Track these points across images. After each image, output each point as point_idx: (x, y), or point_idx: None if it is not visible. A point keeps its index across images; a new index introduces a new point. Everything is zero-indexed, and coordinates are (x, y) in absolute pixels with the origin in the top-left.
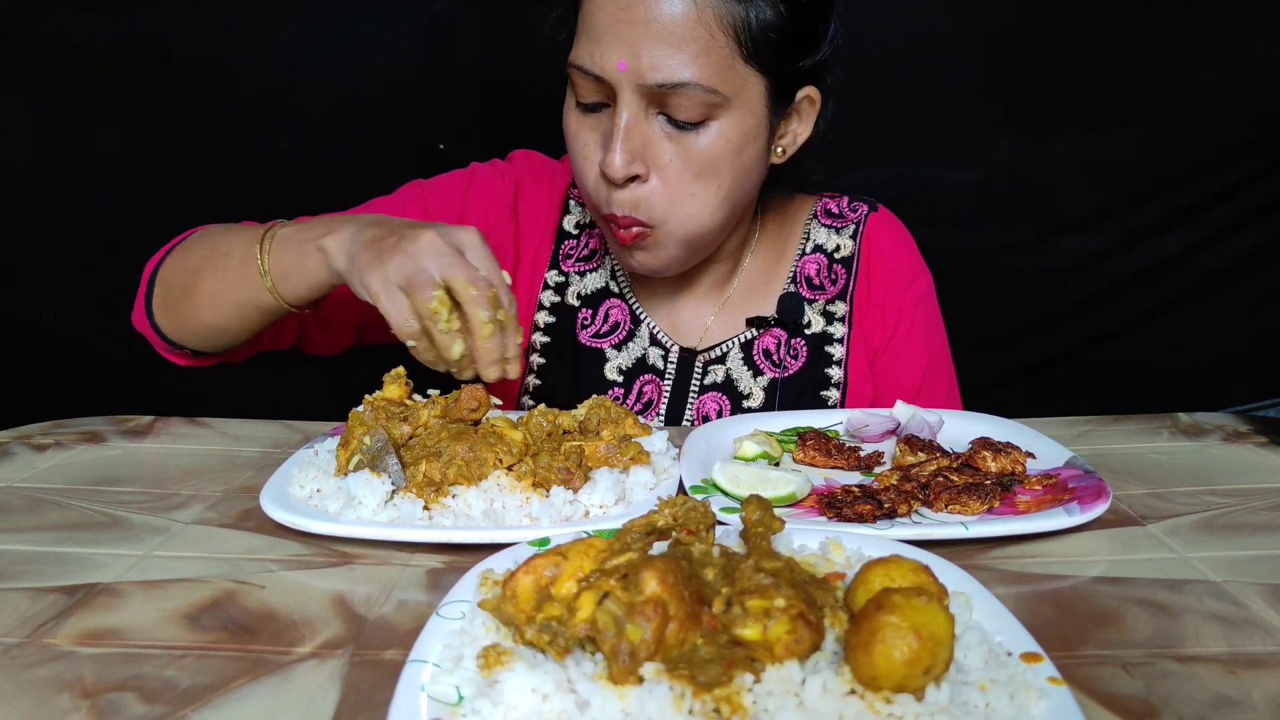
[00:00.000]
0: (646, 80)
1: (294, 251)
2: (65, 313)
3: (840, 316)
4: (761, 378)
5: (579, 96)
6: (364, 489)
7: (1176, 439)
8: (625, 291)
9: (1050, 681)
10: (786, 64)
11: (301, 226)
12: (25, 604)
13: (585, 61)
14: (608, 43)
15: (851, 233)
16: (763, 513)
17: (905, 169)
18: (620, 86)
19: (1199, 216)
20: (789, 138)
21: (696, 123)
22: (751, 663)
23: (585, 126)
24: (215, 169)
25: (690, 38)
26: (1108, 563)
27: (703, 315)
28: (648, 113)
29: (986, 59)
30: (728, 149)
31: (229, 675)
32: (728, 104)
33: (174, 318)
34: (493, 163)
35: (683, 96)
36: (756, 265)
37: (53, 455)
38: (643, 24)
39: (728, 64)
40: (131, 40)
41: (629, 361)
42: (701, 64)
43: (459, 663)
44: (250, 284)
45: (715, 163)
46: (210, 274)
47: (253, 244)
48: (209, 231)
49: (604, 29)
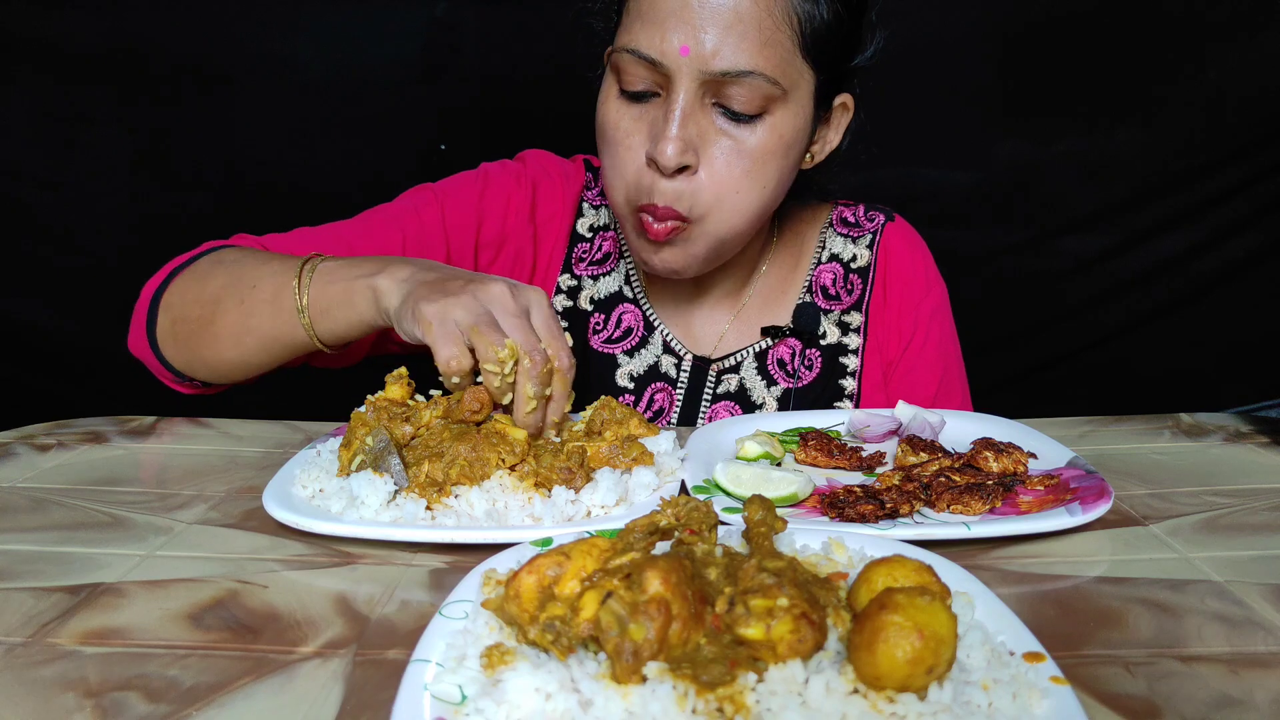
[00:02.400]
0: (710, 66)
1: (340, 287)
2: (66, 313)
3: (855, 327)
4: (775, 388)
5: (625, 84)
6: (366, 489)
7: (1178, 439)
8: (639, 297)
9: (1053, 681)
10: (838, 62)
11: (347, 262)
12: (29, 604)
13: (642, 45)
14: (671, 26)
15: (868, 243)
16: (765, 513)
17: (906, 170)
18: (679, 73)
19: (1200, 217)
20: (820, 144)
21: (752, 115)
22: (754, 662)
23: (629, 115)
24: (216, 169)
25: (757, 25)
26: (1110, 563)
27: (717, 323)
28: (704, 101)
29: (987, 60)
30: (780, 146)
31: (232, 675)
32: (785, 98)
33: (186, 350)
34: (503, 163)
35: (744, 86)
36: (773, 273)
37: (55, 455)
38: (711, 8)
39: (789, 56)
40: (132, 41)
41: (641, 368)
42: (767, 54)
43: (462, 662)
44: (281, 318)
45: (765, 159)
46: (234, 305)
47: (288, 276)
48: (225, 257)
49: (667, 13)
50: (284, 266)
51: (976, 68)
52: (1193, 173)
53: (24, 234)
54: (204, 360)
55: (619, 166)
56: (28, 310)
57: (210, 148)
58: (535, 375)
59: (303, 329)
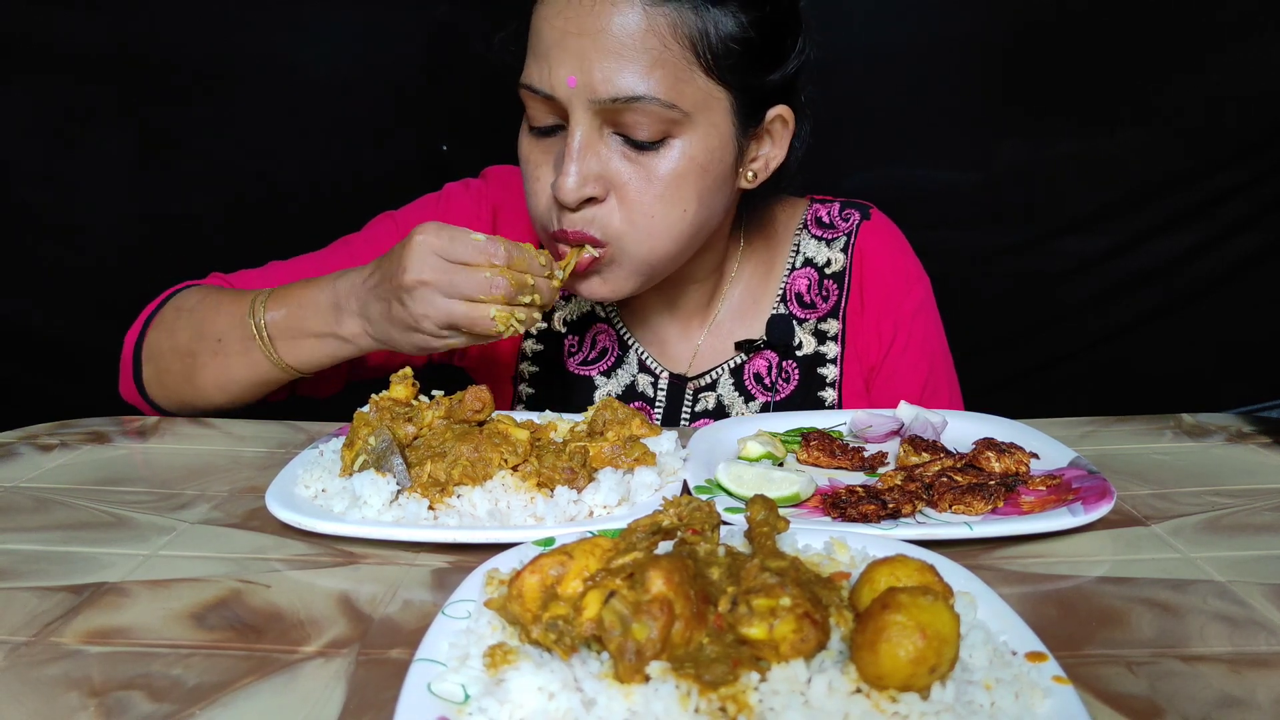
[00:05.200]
0: (598, 95)
1: (310, 344)
2: (67, 313)
3: (833, 335)
4: (754, 403)
5: (531, 120)
6: (369, 489)
7: (1180, 439)
8: (612, 316)
9: (1055, 681)
10: (752, 78)
11: (290, 314)
12: (33, 603)
13: (535, 80)
14: (556, 58)
15: (843, 245)
16: (767, 512)
17: (907, 171)
18: (571, 104)
19: (1201, 217)
20: (760, 161)
21: (656, 142)
22: (757, 661)
23: (538, 150)
24: (216, 169)
25: (642, 49)
26: (1112, 563)
27: (691, 338)
28: (603, 132)
29: (988, 60)
30: (692, 168)
31: (235, 674)
32: (689, 120)
33: (175, 397)
34: (465, 183)
35: (638, 113)
36: (744, 283)
37: (58, 455)
38: (590, 36)
39: (685, 77)
40: (132, 40)
41: (619, 389)
42: (657, 77)
43: (465, 661)
44: (258, 367)
45: (679, 184)
46: (210, 359)
47: (248, 334)
48: (183, 304)
49: (551, 45)
50: (236, 320)
51: (977, 68)
52: (1193, 173)
53: (24, 234)
54: (193, 405)
55: (533, 198)
56: (28, 310)
57: (211, 147)
58: (505, 291)
59: (282, 371)
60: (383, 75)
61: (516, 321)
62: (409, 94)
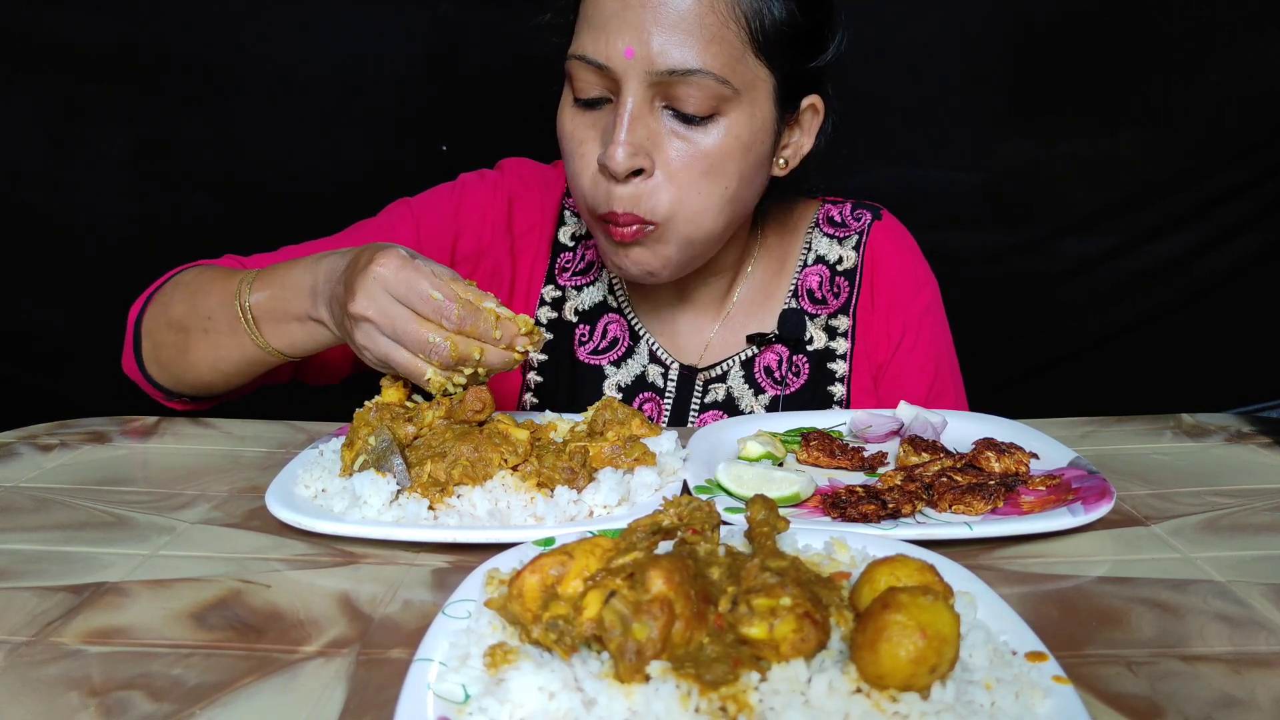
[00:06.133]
0: (656, 66)
1: (293, 328)
2: (67, 313)
3: (843, 331)
4: (763, 396)
5: (578, 92)
6: (369, 489)
7: (1180, 440)
8: (624, 306)
9: (1055, 681)
10: (796, 63)
11: (273, 295)
12: (33, 603)
13: (589, 50)
14: (614, 29)
15: (854, 244)
16: (767, 512)
17: (909, 170)
18: (626, 75)
19: (1202, 218)
20: (791, 149)
21: (704, 117)
22: (757, 661)
23: (583, 124)
24: (217, 169)
25: (702, 24)
26: (1112, 563)
27: (703, 331)
28: (653, 105)
29: (990, 60)
30: (737, 146)
31: (236, 674)
32: (738, 98)
33: (169, 372)
34: (480, 173)
35: (692, 86)
36: (757, 278)
37: (58, 455)
38: (651, 9)
39: (739, 55)
40: (132, 40)
41: (628, 379)
42: (714, 52)
43: (465, 661)
44: (246, 349)
45: (723, 161)
46: (200, 336)
47: (234, 315)
48: (182, 280)
49: (610, 15)
50: (224, 300)
51: (979, 68)
52: (1195, 173)
53: (24, 233)
54: (187, 382)
55: (576, 176)
56: (28, 310)
57: (211, 147)
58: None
59: (270, 354)
60: (383, 75)
61: (452, 385)
62: (409, 94)
